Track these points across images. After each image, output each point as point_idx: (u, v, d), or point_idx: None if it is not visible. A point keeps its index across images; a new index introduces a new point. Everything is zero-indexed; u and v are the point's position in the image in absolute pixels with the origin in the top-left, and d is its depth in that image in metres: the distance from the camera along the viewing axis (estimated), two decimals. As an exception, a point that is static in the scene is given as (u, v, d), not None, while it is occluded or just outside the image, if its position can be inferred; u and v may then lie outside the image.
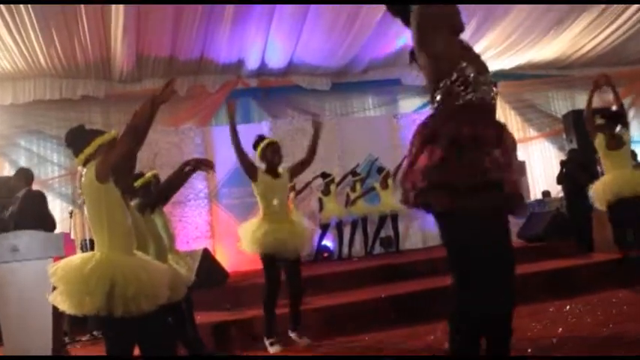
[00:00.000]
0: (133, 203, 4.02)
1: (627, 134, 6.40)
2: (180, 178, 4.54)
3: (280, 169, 5.34)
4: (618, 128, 6.40)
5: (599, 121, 6.46)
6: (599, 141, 6.38)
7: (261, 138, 5.44)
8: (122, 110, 11.33)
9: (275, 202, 5.13)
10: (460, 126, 2.58)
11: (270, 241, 4.96)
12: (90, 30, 9.60)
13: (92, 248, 7.88)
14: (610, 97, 6.60)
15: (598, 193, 6.32)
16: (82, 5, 8.95)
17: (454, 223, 2.61)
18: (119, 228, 3.01)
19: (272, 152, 5.29)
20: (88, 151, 3.08)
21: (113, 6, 9.00)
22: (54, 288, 2.96)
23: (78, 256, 3.02)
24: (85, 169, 3.04)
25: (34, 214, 5.69)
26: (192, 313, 4.89)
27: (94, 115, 11.29)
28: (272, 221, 5.06)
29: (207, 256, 7.49)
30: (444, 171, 2.54)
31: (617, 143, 6.31)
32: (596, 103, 13.87)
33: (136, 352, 3.11)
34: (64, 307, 2.90)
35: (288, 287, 5.22)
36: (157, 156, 10.06)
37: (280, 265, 5.11)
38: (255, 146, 5.41)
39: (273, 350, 4.97)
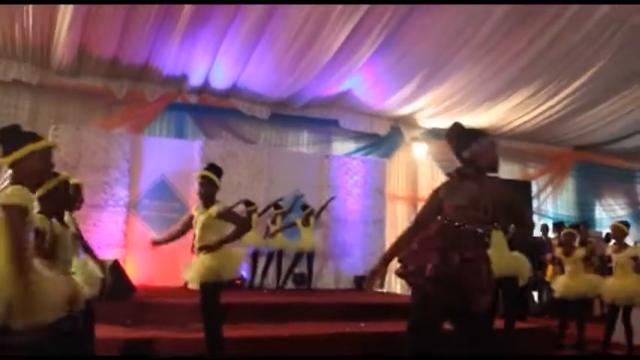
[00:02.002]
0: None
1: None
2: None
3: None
4: None
5: None
6: None
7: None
8: (54, 102, 11.01)
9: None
10: None
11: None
12: (34, 13, 9.34)
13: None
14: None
15: None
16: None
17: None
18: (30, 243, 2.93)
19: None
20: (18, 155, 2.95)
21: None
22: None
23: None
24: (4, 181, 2.97)
25: None
26: (92, 326, 4.76)
27: (23, 101, 10.86)
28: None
29: (116, 268, 7.31)
30: None
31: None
32: (518, 174, 14.67)
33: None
34: None
35: None
36: (82, 156, 9.83)
37: None
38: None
39: None
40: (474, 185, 3.50)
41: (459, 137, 3.72)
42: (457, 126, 3.80)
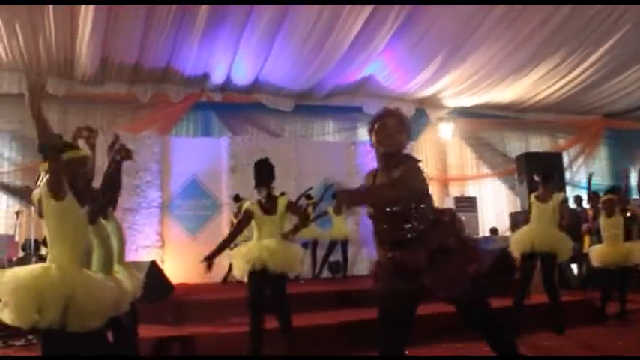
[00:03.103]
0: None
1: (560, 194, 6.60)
2: (116, 170, 4.40)
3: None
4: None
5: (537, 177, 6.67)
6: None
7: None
8: (81, 111, 11.23)
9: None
10: None
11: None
12: (56, 28, 9.55)
13: (37, 249, 7.73)
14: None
15: (516, 242, 6.52)
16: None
17: None
18: (82, 244, 3.01)
19: None
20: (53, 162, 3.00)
21: (83, 7, 8.96)
22: None
23: (27, 269, 2.99)
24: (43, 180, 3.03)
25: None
26: (136, 327, 4.85)
27: (52, 113, 11.00)
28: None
29: (153, 269, 7.42)
30: None
31: (546, 197, 6.49)
32: (548, 147, 14.47)
33: None
34: (10, 320, 2.83)
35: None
36: (113, 162, 9.97)
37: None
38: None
39: None
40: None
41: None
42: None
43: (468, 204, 12.89)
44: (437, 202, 13.47)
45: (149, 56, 10.58)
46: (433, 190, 13.74)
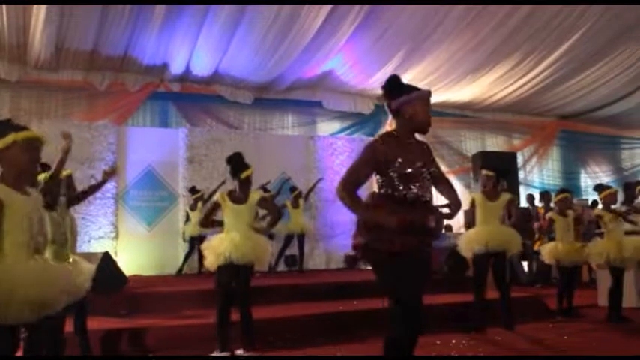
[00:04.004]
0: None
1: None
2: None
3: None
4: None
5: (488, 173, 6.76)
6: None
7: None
8: (34, 97, 10.96)
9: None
10: None
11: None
12: (8, 10, 9.29)
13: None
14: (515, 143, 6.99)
15: (470, 241, 6.60)
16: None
17: None
18: (19, 236, 2.84)
19: None
20: (1, 144, 2.87)
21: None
22: None
23: None
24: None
25: None
26: (85, 320, 4.78)
27: (3, 97, 10.81)
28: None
29: (107, 260, 7.31)
30: None
31: (495, 196, 6.63)
32: (503, 146, 14.77)
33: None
34: None
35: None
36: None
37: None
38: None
39: None
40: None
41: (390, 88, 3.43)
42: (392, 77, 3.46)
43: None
44: (393, 199, 13.63)
45: (106, 44, 10.38)
46: (390, 186, 13.92)
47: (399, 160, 3.22)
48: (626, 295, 7.34)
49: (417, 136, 3.47)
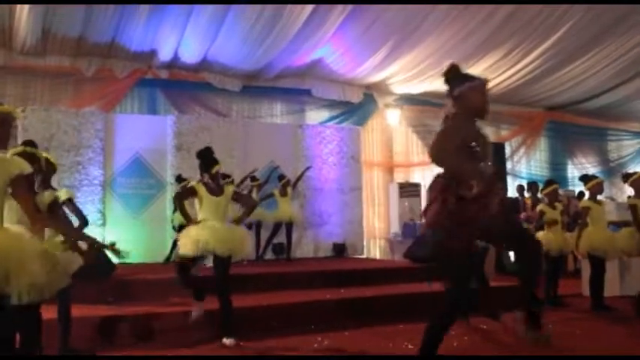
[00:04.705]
0: None
1: None
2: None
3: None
4: None
5: None
6: None
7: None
8: (21, 83, 10.86)
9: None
10: None
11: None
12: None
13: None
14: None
15: None
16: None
17: None
18: None
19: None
20: None
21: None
22: None
23: None
24: None
25: None
26: (69, 306, 4.76)
27: (-11, 83, 10.74)
28: None
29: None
30: None
31: None
32: (491, 137, 14.81)
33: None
34: None
35: None
36: (53, 137, 9.72)
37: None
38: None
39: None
40: None
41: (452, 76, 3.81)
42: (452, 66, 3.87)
43: (412, 190, 13.11)
44: (381, 187, 13.69)
45: (94, 30, 10.28)
46: (378, 174, 13.93)
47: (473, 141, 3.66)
48: (610, 284, 7.44)
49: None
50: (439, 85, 13.27)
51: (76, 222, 4.93)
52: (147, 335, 5.49)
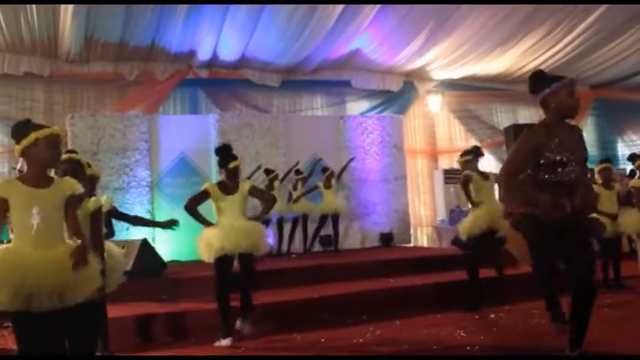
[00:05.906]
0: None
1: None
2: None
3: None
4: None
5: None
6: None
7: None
8: (66, 90, 11.14)
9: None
10: None
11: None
12: (37, 6, 9.44)
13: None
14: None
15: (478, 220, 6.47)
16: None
17: None
18: (21, 226, 3.01)
19: None
20: (25, 142, 3.06)
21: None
22: None
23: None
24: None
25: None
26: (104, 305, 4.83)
27: (37, 93, 11.00)
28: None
29: (145, 247, 7.48)
30: None
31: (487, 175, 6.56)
32: (536, 118, 14.52)
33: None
34: None
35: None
36: (101, 142, 9.94)
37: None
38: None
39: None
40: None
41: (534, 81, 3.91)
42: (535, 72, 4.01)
43: (457, 176, 12.91)
44: (426, 175, 13.59)
45: (134, 34, 10.48)
46: (422, 162, 13.82)
47: (547, 151, 3.70)
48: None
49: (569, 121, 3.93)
50: (479, 69, 13.25)
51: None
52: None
